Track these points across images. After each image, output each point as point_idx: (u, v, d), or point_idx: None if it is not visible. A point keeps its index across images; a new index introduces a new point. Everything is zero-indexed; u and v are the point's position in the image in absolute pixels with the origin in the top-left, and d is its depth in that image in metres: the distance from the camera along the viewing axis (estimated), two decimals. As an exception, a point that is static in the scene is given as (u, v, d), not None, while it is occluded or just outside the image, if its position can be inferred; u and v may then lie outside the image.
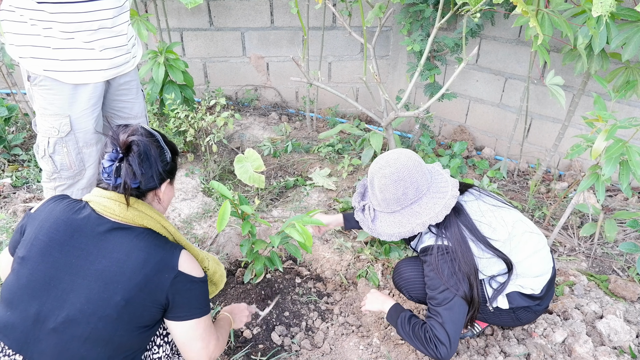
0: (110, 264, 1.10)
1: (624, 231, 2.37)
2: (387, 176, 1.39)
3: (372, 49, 2.43)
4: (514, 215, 1.52)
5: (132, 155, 1.12)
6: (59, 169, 1.71)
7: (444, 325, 1.37)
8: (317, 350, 1.72)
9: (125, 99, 1.85)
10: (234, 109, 3.59)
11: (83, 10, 1.53)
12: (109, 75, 1.69)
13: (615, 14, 1.91)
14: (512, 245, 1.47)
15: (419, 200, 1.41)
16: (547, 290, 1.57)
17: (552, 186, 2.75)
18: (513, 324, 1.64)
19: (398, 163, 1.40)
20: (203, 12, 3.30)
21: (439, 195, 1.41)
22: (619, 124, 1.64)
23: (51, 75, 1.57)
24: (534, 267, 1.51)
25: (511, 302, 1.53)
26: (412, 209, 1.41)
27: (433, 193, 1.42)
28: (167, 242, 1.19)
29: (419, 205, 1.41)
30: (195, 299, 1.19)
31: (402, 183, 1.38)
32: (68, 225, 1.12)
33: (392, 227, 1.43)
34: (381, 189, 1.41)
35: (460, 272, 1.39)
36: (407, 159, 1.41)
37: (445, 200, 1.40)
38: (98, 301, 1.08)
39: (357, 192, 1.59)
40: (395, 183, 1.39)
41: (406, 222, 1.41)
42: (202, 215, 2.42)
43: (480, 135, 3.27)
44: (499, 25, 2.84)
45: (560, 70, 2.66)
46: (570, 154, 1.85)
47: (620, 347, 1.68)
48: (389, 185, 1.39)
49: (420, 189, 1.40)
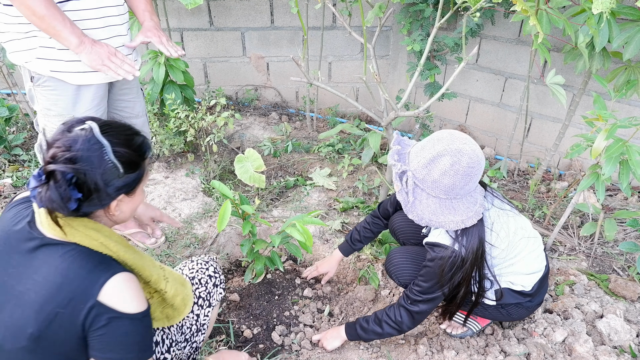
0: (30, 287, 0.94)
1: (624, 230, 2.37)
2: (462, 163, 1.26)
3: (372, 48, 2.43)
4: (517, 222, 1.50)
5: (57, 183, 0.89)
6: None
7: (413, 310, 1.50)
8: (317, 350, 1.72)
9: (127, 99, 1.85)
10: (234, 109, 3.59)
11: (86, 8, 1.53)
12: (113, 77, 1.69)
13: (616, 12, 1.91)
14: (508, 250, 1.49)
15: (462, 198, 1.33)
16: (539, 287, 1.59)
17: (552, 186, 2.75)
18: (505, 319, 1.67)
19: (475, 156, 1.29)
20: (203, 12, 3.30)
21: (472, 204, 1.35)
22: (619, 124, 1.64)
23: (55, 75, 1.57)
24: (527, 265, 1.53)
25: (499, 297, 1.56)
26: (452, 203, 1.33)
27: (470, 197, 1.35)
28: (100, 263, 0.97)
29: (459, 203, 1.33)
30: (119, 340, 0.96)
31: (468, 178, 1.29)
32: (6, 238, 1.00)
33: (428, 211, 1.33)
34: (445, 172, 1.28)
35: (458, 278, 1.43)
36: (482, 156, 1.32)
37: (476, 207, 1.35)
38: (15, 329, 0.94)
39: (393, 152, 1.39)
40: (464, 176, 1.28)
41: (441, 213, 1.33)
42: (203, 215, 2.42)
43: (481, 134, 3.27)
44: (499, 24, 2.84)
45: (561, 70, 2.66)
46: (571, 153, 1.85)
47: (620, 346, 1.68)
48: (458, 173, 1.27)
49: (467, 189, 1.33)
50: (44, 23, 1.41)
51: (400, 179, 1.35)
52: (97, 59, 1.51)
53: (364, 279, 2.05)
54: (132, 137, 1.01)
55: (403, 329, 1.53)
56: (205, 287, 1.40)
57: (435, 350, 1.69)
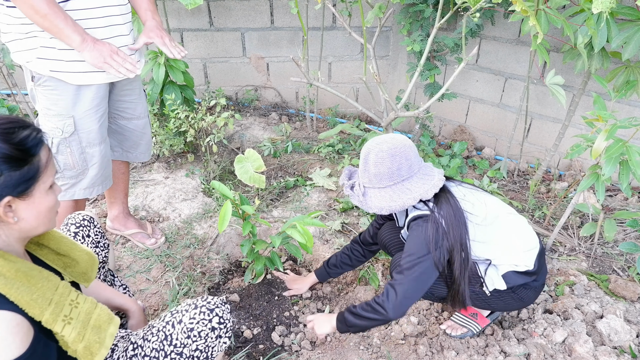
0: None
1: (624, 231, 2.37)
2: (384, 150, 1.45)
3: (372, 49, 2.43)
4: (493, 199, 1.60)
5: None
6: (62, 169, 1.72)
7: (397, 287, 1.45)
8: (317, 350, 1.72)
9: (128, 100, 1.85)
10: (234, 109, 3.59)
11: (88, 7, 1.53)
12: (114, 77, 1.69)
13: (615, 12, 1.91)
14: (494, 224, 1.53)
15: (410, 178, 1.47)
16: (540, 265, 1.61)
17: (552, 186, 2.75)
18: (516, 306, 1.65)
19: (395, 140, 1.47)
20: (203, 12, 3.30)
21: (427, 178, 1.48)
22: (619, 124, 1.64)
23: (56, 75, 1.57)
24: (520, 241, 1.56)
25: (508, 281, 1.56)
26: (403, 186, 1.46)
27: (422, 175, 1.49)
28: None
29: (410, 183, 1.46)
30: None
31: (398, 158, 1.44)
32: None
33: (383, 201, 1.47)
34: (376, 163, 1.45)
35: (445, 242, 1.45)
36: (403, 138, 1.49)
37: (433, 181, 1.47)
38: None
39: (344, 175, 1.63)
40: (392, 157, 1.44)
41: (397, 197, 1.46)
42: (203, 215, 2.42)
43: (480, 135, 3.27)
44: (499, 25, 2.84)
45: (560, 70, 2.66)
46: (570, 153, 1.85)
47: (620, 346, 1.68)
48: (386, 159, 1.44)
49: (412, 167, 1.47)
50: (47, 21, 1.42)
51: (352, 189, 1.54)
52: (99, 57, 1.52)
53: (364, 280, 2.05)
54: (13, 131, 0.89)
55: (388, 314, 1.44)
56: (204, 340, 1.22)
57: (435, 351, 1.69)
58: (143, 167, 2.84)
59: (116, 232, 2.21)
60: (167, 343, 1.18)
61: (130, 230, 2.18)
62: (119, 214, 2.17)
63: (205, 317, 1.22)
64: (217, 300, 1.27)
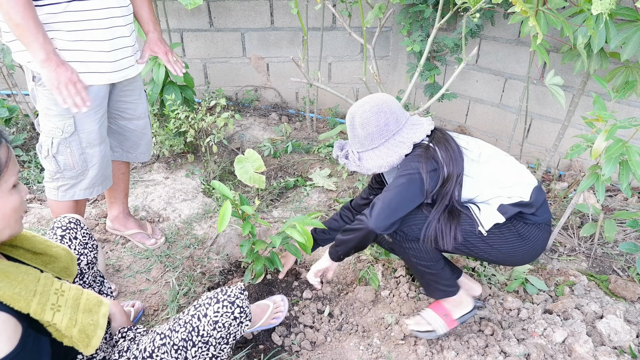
0: None
1: (624, 231, 2.37)
2: (367, 110, 1.46)
3: (372, 49, 2.43)
4: (486, 143, 1.60)
5: None
6: (62, 169, 1.72)
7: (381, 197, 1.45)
8: (317, 350, 1.72)
9: (129, 100, 1.85)
10: (234, 109, 3.59)
11: (92, 8, 1.54)
12: (115, 78, 1.70)
13: (614, 13, 1.91)
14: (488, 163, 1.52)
15: (399, 131, 1.48)
16: (537, 198, 1.53)
17: (552, 186, 2.75)
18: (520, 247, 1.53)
19: (375, 98, 1.48)
20: (203, 12, 3.30)
21: (417, 126, 1.50)
22: (619, 124, 1.64)
23: None
24: (515, 174, 1.54)
25: (504, 212, 1.49)
26: (395, 140, 1.47)
27: (411, 125, 1.50)
28: None
29: (401, 136, 1.47)
30: None
31: (383, 114, 1.46)
32: None
33: (380, 159, 1.48)
34: (363, 124, 1.47)
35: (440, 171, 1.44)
36: (382, 95, 1.50)
37: (424, 126, 1.49)
38: None
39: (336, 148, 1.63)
40: (377, 114, 1.46)
41: (392, 152, 1.47)
42: (203, 215, 2.42)
43: (480, 135, 3.27)
44: (499, 25, 2.84)
45: (560, 70, 2.66)
46: (570, 154, 1.85)
47: (620, 347, 1.68)
48: (371, 117, 1.45)
49: (399, 120, 1.48)
50: (18, 30, 1.43)
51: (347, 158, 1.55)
52: (54, 80, 1.50)
53: (364, 280, 2.05)
54: None
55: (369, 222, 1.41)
56: (228, 328, 1.32)
57: (435, 351, 1.69)
58: (143, 167, 2.84)
59: (116, 232, 2.21)
60: (195, 334, 1.26)
61: (130, 230, 2.18)
62: (119, 214, 2.17)
63: (228, 310, 1.31)
64: (236, 291, 1.36)
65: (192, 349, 1.25)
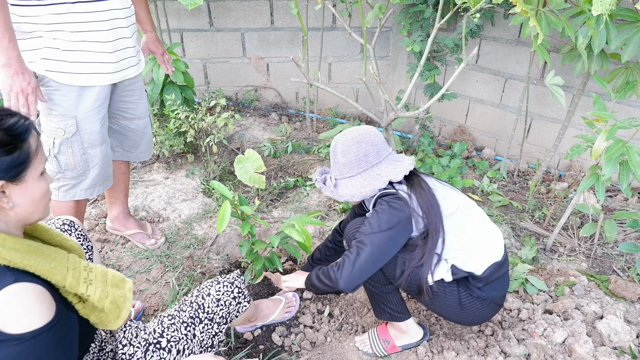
0: None
1: (624, 231, 2.37)
2: (349, 139, 1.48)
3: (372, 49, 2.43)
4: (465, 199, 1.55)
5: None
6: (64, 169, 1.72)
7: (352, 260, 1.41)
8: (317, 350, 1.72)
9: (130, 100, 1.86)
10: (234, 109, 3.59)
11: (92, 10, 1.54)
12: (117, 78, 1.70)
13: (614, 14, 1.91)
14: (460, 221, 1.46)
15: (379, 164, 1.48)
16: (493, 275, 1.48)
17: (552, 186, 2.75)
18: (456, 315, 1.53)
19: (359, 129, 1.50)
20: (203, 12, 3.30)
21: (397, 163, 1.50)
22: (619, 124, 1.64)
23: (59, 76, 1.57)
24: (481, 243, 1.47)
25: (454, 273, 1.47)
26: (372, 172, 1.47)
27: (392, 160, 1.50)
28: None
29: (379, 169, 1.47)
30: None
31: (364, 144, 1.46)
32: None
33: (354, 188, 1.48)
34: (344, 152, 1.48)
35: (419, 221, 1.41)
36: (367, 127, 1.51)
37: (404, 165, 1.48)
38: None
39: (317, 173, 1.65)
40: (357, 144, 1.47)
41: (367, 183, 1.46)
42: (203, 215, 2.42)
43: (480, 135, 3.27)
44: (499, 25, 2.84)
45: (560, 71, 2.66)
46: (570, 154, 1.85)
47: (620, 347, 1.68)
48: (352, 146, 1.47)
49: (380, 153, 1.48)
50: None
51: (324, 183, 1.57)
52: (7, 87, 1.48)
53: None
54: (1, 118, 0.93)
55: (339, 285, 1.41)
56: (228, 307, 1.45)
57: (435, 351, 1.69)
58: (143, 167, 2.84)
59: (116, 232, 2.21)
60: (201, 311, 1.38)
61: (130, 230, 2.18)
62: (119, 214, 2.17)
63: (228, 289, 1.47)
64: (234, 274, 1.53)
65: (200, 325, 1.36)
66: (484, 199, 2.69)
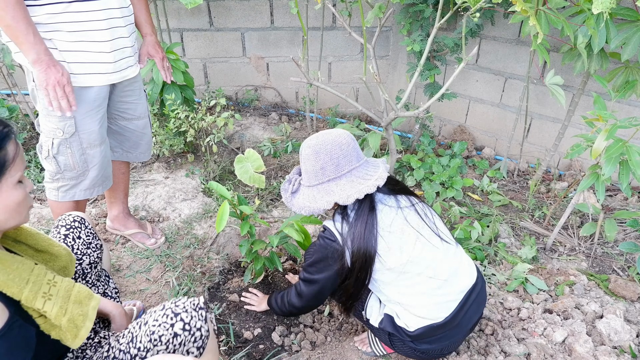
0: None
1: (624, 231, 2.37)
2: (310, 147, 1.37)
3: (372, 49, 2.43)
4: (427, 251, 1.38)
5: None
6: (63, 170, 1.72)
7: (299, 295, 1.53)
8: (317, 350, 1.72)
9: (129, 100, 1.86)
10: (234, 109, 3.59)
11: (88, 9, 1.54)
12: (115, 78, 1.70)
13: (614, 13, 1.91)
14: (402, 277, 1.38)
15: (337, 179, 1.36)
16: (426, 335, 1.43)
17: (552, 186, 2.75)
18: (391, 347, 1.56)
19: (325, 137, 1.37)
20: (203, 12, 3.30)
21: (359, 181, 1.36)
22: (619, 124, 1.64)
23: None
24: (419, 307, 1.41)
25: (381, 323, 1.48)
26: (328, 187, 1.37)
27: (355, 177, 1.37)
28: None
29: (336, 185, 1.36)
30: None
31: (322, 156, 1.35)
32: None
33: (306, 200, 1.40)
34: (304, 159, 1.40)
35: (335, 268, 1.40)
36: (336, 137, 1.37)
37: (361, 187, 1.34)
38: None
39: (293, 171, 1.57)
40: (315, 155, 1.36)
41: (319, 198, 1.37)
42: (203, 215, 2.42)
43: (480, 135, 3.27)
44: (499, 25, 2.84)
45: (560, 70, 2.66)
46: (570, 153, 1.85)
47: (620, 346, 1.68)
48: (310, 155, 1.37)
49: (340, 168, 1.36)
50: (8, 31, 1.42)
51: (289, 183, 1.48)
52: (43, 81, 1.49)
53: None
54: None
55: (292, 309, 1.57)
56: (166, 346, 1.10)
57: (435, 351, 1.69)
58: (143, 167, 2.84)
59: (116, 232, 2.21)
60: (133, 345, 1.12)
61: (130, 230, 2.18)
62: (119, 214, 2.17)
63: (167, 321, 1.10)
64: (189, 302, 1.14)
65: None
66: (483, 199, 2.69)
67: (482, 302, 1.51)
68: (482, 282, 1.52)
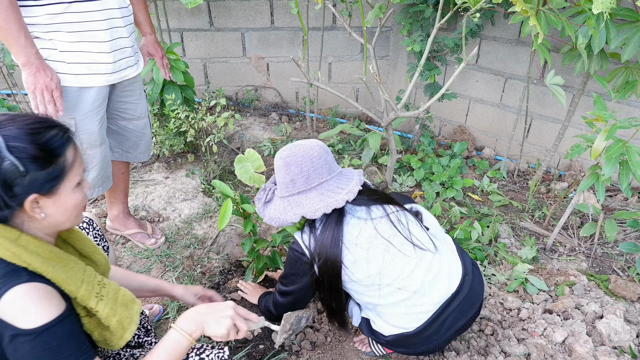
0: None
1: (624, 231, 2.37)
2: (282, 157, 1.36)
3: (372, 49, 2.43)
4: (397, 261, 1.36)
5: None
6: None
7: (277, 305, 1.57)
8: (317, 350, 1.72)
9: (129, 100, 1.86)
10: (234, 109, 3.59)
11: (88, 10, 1.54)
12: (115, 79, 1.70)
13: (614, 13, 1.91)
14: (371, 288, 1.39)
15: (307, 192, 1.35)
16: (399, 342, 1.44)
17: (552, 186, 2.75)
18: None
19: (297, 149, 1.35)
20: (203, 12, 3.30)
21: (329, 194, 1.34)
22: (619, 124, 1.64)
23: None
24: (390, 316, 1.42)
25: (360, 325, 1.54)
26: (298, 199, 1.36)
27: (325, 190, 1.35)
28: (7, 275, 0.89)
29: (306, 198, 1.35)
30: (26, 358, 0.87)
31: (293, 168, 1.34)
32: None
33: (276, 211, 1.39)
34: (276, 169, 1.39)
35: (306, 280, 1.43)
36: (308, 149, 1.35)
37: (329, 200, 1.33)
38: None
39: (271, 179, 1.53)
40: (286, 166, 1.35)
41: (289, 210, 1.36)
42: (203, 215, 2.42)
43: (480, 135, 3.27)
44: (499, 25, 2.84)
45: (560, 70, 2.66)
46: (570, 154, 1.85)
47: (620, 347, 1.68)
48: (282, 167, 1.36)
49: (310, 180, 1.34)
50: (1, 33, 1.41)
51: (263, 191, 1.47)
52: (31, 84, 1.49)
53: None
54: (39, 131, 0.90)
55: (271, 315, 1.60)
56: None
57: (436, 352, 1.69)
58: (143, 167, 2.84)
59: (116, 232, 2.21)
60: None
61: (130, 230, 2.18)
62: (119, 214, 2.17)
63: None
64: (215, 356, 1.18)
65: None
66: (484, 199, 2.69)
67: (470, 307, 1.45)
68: (470, 285, 1.44)
